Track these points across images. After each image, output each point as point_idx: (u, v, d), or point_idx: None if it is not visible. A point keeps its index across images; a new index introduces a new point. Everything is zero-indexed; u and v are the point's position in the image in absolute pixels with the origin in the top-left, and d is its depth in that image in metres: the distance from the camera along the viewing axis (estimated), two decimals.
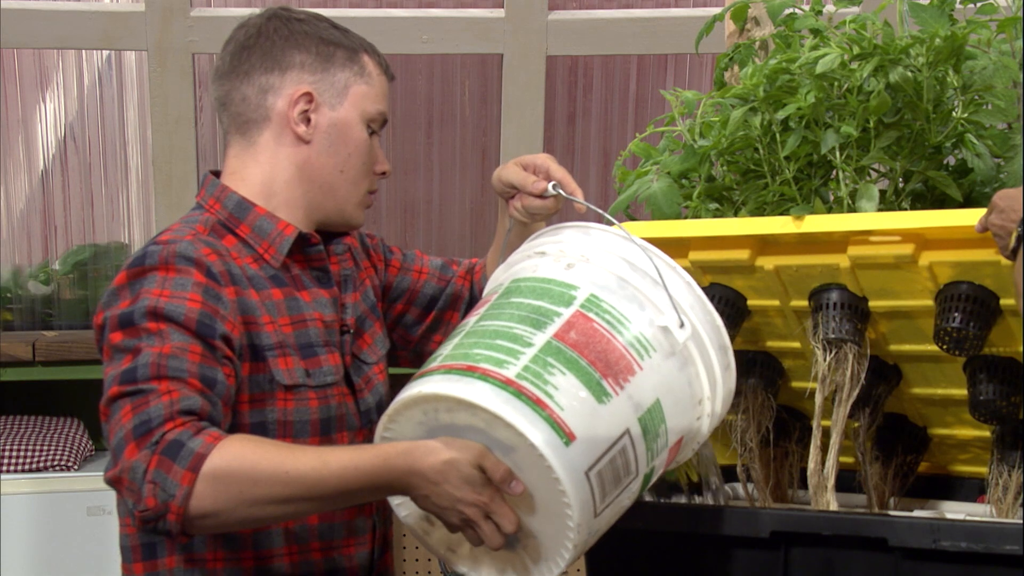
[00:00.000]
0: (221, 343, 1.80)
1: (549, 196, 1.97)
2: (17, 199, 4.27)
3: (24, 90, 4.21)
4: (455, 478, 1.66)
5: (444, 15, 3.95)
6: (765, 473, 2.11)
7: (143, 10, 3.80)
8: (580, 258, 1.80)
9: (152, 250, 1.86)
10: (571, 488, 1.63)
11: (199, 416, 1.72)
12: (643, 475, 1.73)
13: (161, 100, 3.86)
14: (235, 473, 1.67)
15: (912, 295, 1.95)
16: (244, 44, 1.98)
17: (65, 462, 3.74)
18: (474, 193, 4.38)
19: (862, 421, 2.04)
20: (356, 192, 1.99)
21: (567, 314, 1.73)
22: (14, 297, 4.21)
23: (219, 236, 1.93)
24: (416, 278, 2.19)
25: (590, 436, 1.65)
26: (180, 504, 1.66)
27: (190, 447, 1.67)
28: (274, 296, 1.92)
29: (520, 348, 1.69)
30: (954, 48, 1.98)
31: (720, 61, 2.33)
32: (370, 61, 2.00)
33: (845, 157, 2.01)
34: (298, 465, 1.68)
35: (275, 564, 1.91)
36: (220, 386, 1.77)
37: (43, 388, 3.93)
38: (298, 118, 1.96)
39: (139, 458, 1.68)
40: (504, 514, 1.67)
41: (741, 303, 2.05)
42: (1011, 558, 1.69)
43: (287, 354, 1.90)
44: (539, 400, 1.64)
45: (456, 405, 1.66)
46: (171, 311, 1.78)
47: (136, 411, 1.72)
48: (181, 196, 3.96)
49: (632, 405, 1.70)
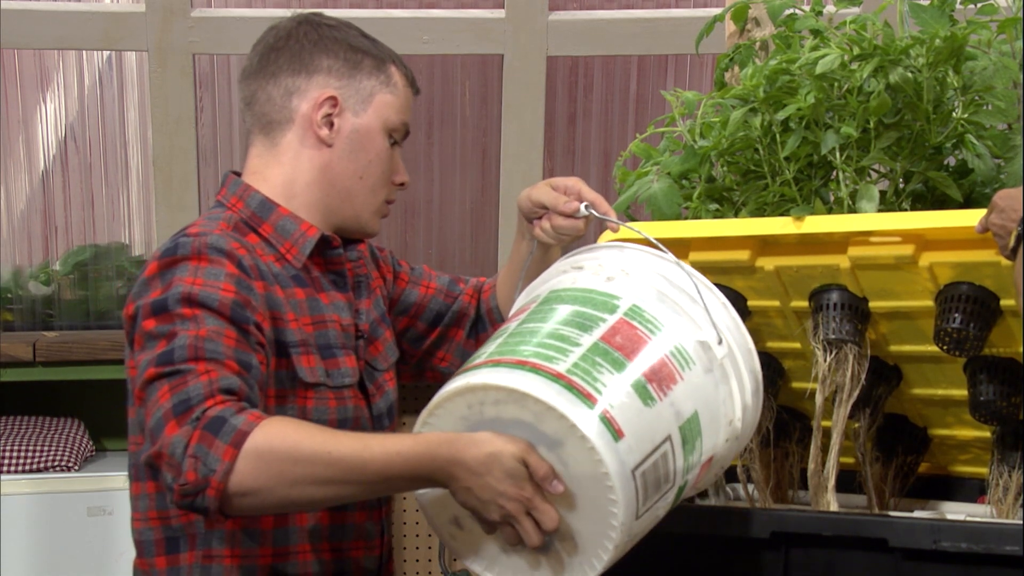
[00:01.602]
0: (254, 329, 1.80)
1: (581, 216, 1.95)
2: (18, 199, 4.27)
3: (25, 90, 4.21)
4: (498, 471, 1.64)
5: (445, 15, 3.96)
6: (765, 474, 2.11)
7: (143, 10, 3.81)
8: (620, 272, 1.81)
9: (183, 241, 1.86)
10: (619, 483, 1.62)
11: (238, 396, 1.72)
12: (678, 487, 1.72)
13: (161, 100, 3.86)
14: (277, 451, 1.66)
15: (912, 296, 1.95)
16: (273, 46, 2.00)
17: (65, 462, 3.74)
18: (474, 193, 4.38)
19: (862, 422, 2.04)
20: (373, 200, 2.00)
21: (612, 320, 1.73)
22: (14, 297, 4.21)
23: (242, 234, 1.93)
24: (424, 293, 2.19)
25: (637, 435, 1.64)
26: (220, 479, 1.65)
27: (232, 423, 1.66)
28: (297, 295, 1.93)
29: (568, 347, 1.69)
30: (954, 49, 1.98)
31: (720, 62, 2.33)
32: (397, 72, 2.02)
33: (845, 158, 2.01)
34: (340, 447, 1.67)
35: (289, 562, 1.91)
36: (255, 370, 1.77)
37: (43, 388, 3.93)
38: (321, 121, 1.97)
39: (180, 433, 1.67)
40: (546, 511, 1.65)
41: (741, 304, 2.05)
42: (1011, 559, 1.69)
43: (309, 352, 1.91)
44: (590, 395, 1.64)
45: (506, 396, 1.65)
46: (205, 297, 1.78)
47: (174, 391, 1.71)
48: (181, 196, 3.96)
49: (674, 413, 1.69)
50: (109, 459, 3.87)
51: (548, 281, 1.88)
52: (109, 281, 4.20)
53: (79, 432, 3.85)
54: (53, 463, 3.73)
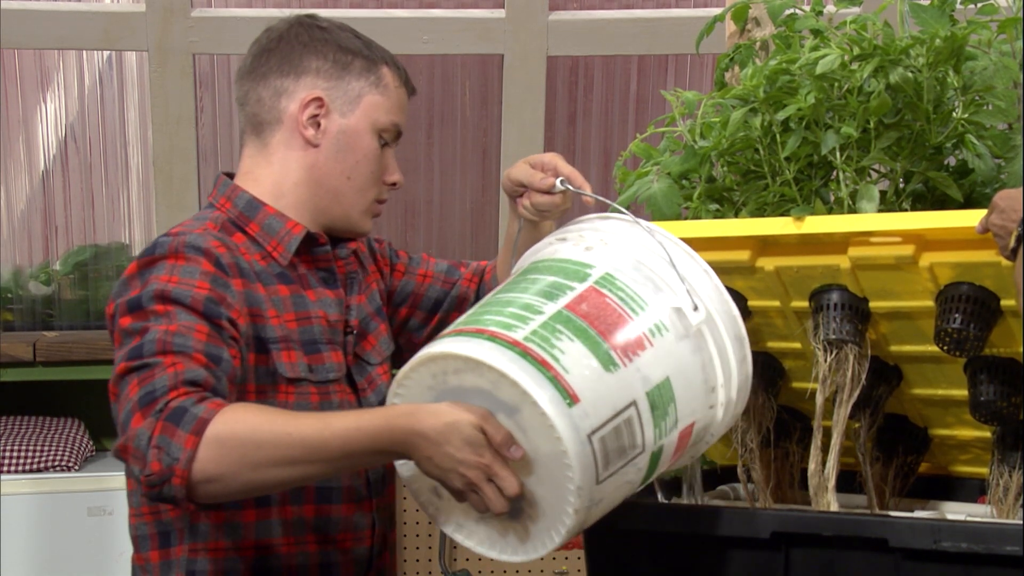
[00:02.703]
0: (227, 324, 1.83)
1: (557, 192, 1.99)
2: (18, 199, 4.27)
3: (25, 90, 4.22)
4: (457, 439, 1.66)
5: (445, 15, 3.96)
6: (766, 474, 2.11)
7: (144, 10, 3.81)
8: (599, 242, 1.84)
9: (162, 241, 1.90)
10: (572, 447, 1.64)
11: (203, 387, 1.75)
12: (650, 452, 1.73)
13: (162, 100, 3.87)
14: (238, 436, 1.69)
15: (913, 296, 1.94)
16: (266, 47, 2.03)
17: (65, 462, 3.74)
18: (474, 193, 4.38)
19: (863, 422, 2.04)
20: (362, 199, 2.03)
21: (580, 288, 1.76)
22: (15, 297, 4.22)
23: (229, 233, 1.97)
24: (420, 282, 2.21)
25: (594, 400, 1.66)
26: (184, 467, 1.67)
27: (193, 412, 1.69)
28: (280, 292, 1.96)
29: (530, 315, 1.72)
30: (954, 49, 1.98)
31: (721, 62, 2.33)
32: (389, 73, 2.04)
33: (845, 158, 2.01)
34: (301, 427, 1.70)
35: (273, 554, 1.93)
36: (225, 364, 1.80)
37: (43, 388, 3.93)
38: (307, 122, 1.99)
39: (144, 425, 1.70)
40: (506, 477, 1.67)
41: (742, 304, 2.05)
42: (1012, 559, 1.69)
43: (291, 348, 1.93)
44: (544, 361, 1.66)
45: (463, 365, 1.68)
46: (178, 294, 1.82)
47: (142, 384, 1.74)
48: (181, 196, 3.96)
49: (640, 378, 1.71)
50: (109, 459, 3.87)
51: (534, 254, 1.91)
52: (109, 281, 4.20)
53: (79, 432, 3.86)
54: (53, 463, 3.74)
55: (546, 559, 4.12)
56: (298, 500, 1.94)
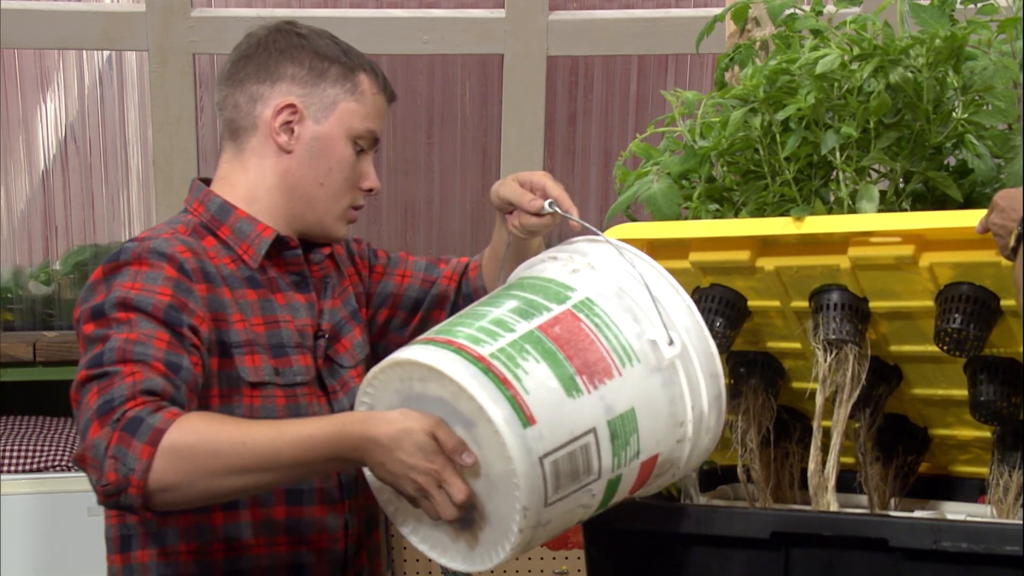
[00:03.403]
0: (188, 332, 1.85)
1: (546, 214, 1.98)
2: (18, 199, 4.27)
3: (25, 90, 4.22)
4: (409, 445, 1.68)
5: (444, 15, 3.96)
6: (765, 474, 2.11)
7: (143, 10, 3.81)
8: (587, 265, 1.83)
9: (127, 247, 1.92)
10: (522, 468, 1.65)
11: (161, 396, 1.76)
12: (607, 480, 1.74)
13: (162, 100, 3.86)
14: (193, 446, 1.71)
15: (912, 296, 1.94)
16: (244, 53, 2.05)
17: (65, 462, 3.74)
18: (474, 193, 4.38)
19: (863, 422, 2.04)
20: (336, 206, 2.03)
21: (557, 311, 1.76)
22: (15, 297, 4.22)
23: (200, 237, 1.98)
24: (399, 282, 2.22)
25: (551, 424, 1.67)
26: (140, 477, 1.70)
27: (149, 422, 1.71)
28: (248, 296, 1.97)
29: (501, 332, 1.73)
30: (954, 49, 1.98)
31: (721, 61, 2.33)
32: (367, 79, 2.04)
33: (845, 158, 2.01)
34: (255, 436, 1.72)
35: (243, 555, 1.95)
36: (185, 372, 1.81)
37: (43, 388, 3.93)
38: (280, 128, 2.01)
39: (101, 435, 1.72)
40: (455, 483, 1.68)
41: (742, 304, 2.05)
42: (1012, 559, 1.69)
43: (255, 352, 1.94)
44: (505, 379, 1.67)
45: (428, 374, 1.70)
46: (140, 301, 1.84)
47: (101, 392, 1.76)
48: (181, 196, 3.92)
49: (603, 407, 1.71)
50: None
51: (526, 268, 1.91)
52: None
53: None
54: (53, 463, 3.74)
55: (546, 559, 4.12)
56: (268, 502, 1.96)
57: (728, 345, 2.05)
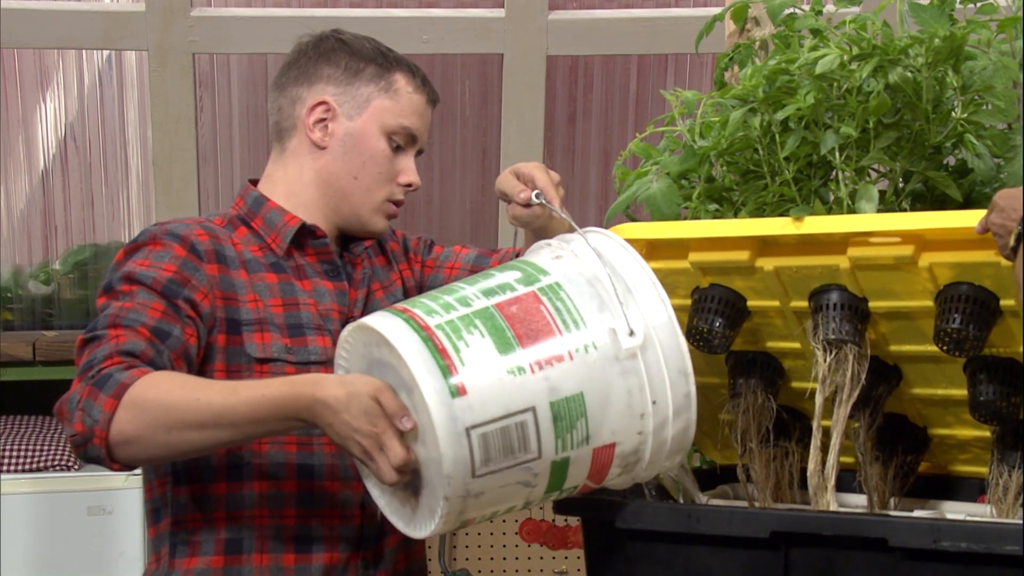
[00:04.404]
0: (185, 304, 1.94)
1: (533, 204, 2.02)
2: (17, 199, 4.27)
3: (24, 90, 4.22)
4: (355, 408, 1.73)
5: (444, 15, 3.96)
6: (765, 473, 2.11)
7: (143, 10, 3.81)
8: (570, 254, 1.86)
9: (148, 230, 2.03)
10: (444, 437, 1.68)
11: (139, 358, 1.86)
12: (551, 461, 1.75)
13: (161, 100, 3.87)
14: (151, 400, 1.80)
15: (912, 296, 1.94)
16: (290, 61, 2.15)
17: (65, 462, 3.74)
18: (474, 193, 4.38)
19: (862, 421, 2.04)
20: (370, 199, 2.10)
21: (521, 291, 1.80)
22: (14, 297, 4.22)
23: (234, 228, 2.09)
24: (447, 274, 2.29)
25: (483, 397, 1.70)
26: (103, 428, 1.80)
27: (117, 378, 1.81)
28: (267, 279, 2.05)
29: (457, 307, 1.78)
30: (953, 48, 1.98)
31: (720, 61, 2.33)
32: (403, 78, 2.11)
33: (845, 158, 2.01)
34: (210, 393, 1.80)
35: (245, 526, 2.00)
36: (174, 340, 1.91)
37: (43, 388, 3.92)
38: (313, 125, 2.09)
39: (76, 390, 1.84)
40: (393, 447, 1.73)
41: (741, 304, 2.05)
42: (1011, 558, 1.69)
43: (265, 330, 2.01)
44: (443, 350, 1.71)
45: (378, 339, 1.75)
46: (143, 275, 1.94)
47: (88, 353, 1.88)
48: (181, 196, 3.96)
49: (547, 388, 1.73)
50: None
51: (527, 254, 1.95)
52: None
53: None
54: (53, 463, 3.74)
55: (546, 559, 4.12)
56: (279, 475, 2.00)
57: (728, 345, 2.05)
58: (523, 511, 4.14)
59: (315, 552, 2.01)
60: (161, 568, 2.02)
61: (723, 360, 2.12)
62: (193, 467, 1.99)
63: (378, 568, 2.06)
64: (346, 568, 2.03)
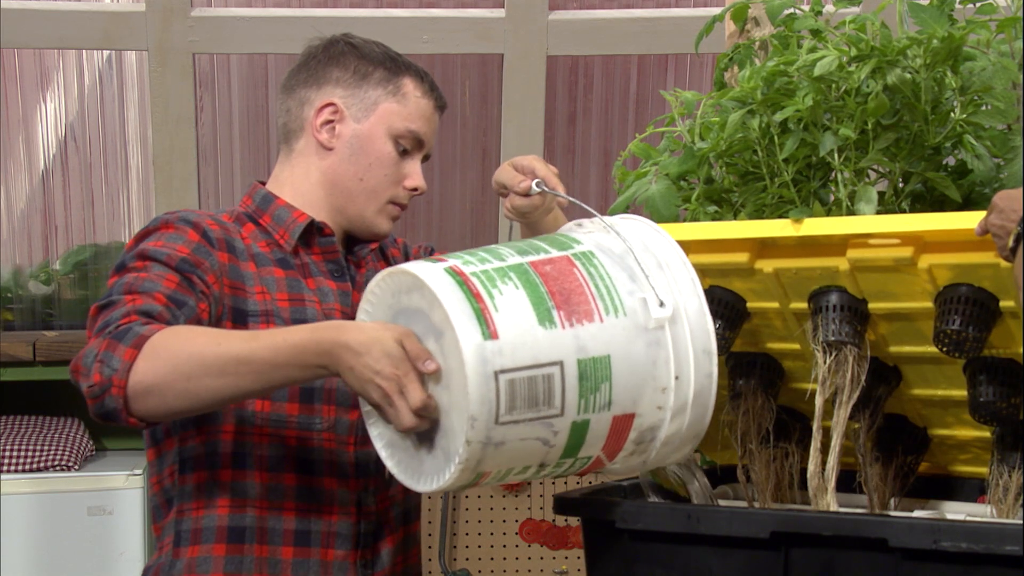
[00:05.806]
0: (199, 280, 1.95)
1: (534, 194, 2.05)
2: (18, 199, 4.27)
3: (24, 90, 4.22)
4: (377, 351, 1.73)
5: (444, 15, 3.96)
6: (765, 474, 2.11)
7: (143, 10, 3.81)
8: (601, 229, 1.88)
9: (160, 216, 2.04)
10: (473, 376, 1.68)
11: (157, 319, 1.86)
12: (571, 420, 1.74)
13: (161, 100, 3.87)
14: (171, 347, 1.79)
15: (911, 297, 1.95)
16: (299, 64, 2.17)
17: (65, 462, 3.74)
18: (474, 193, 4.38)
19: (862, 422, 2.04)
20: (375, 200, 2.13)
21: (555, 254, 1.81)
22: (14, 297, 4.22)
23: (241, 224, 2.11)
24: None
25: (515, 344, 1.70)
26: (121, 377, 1.79)
27: (136, 331, 1.81)
28: (275, 274, 2.07)
29: (492, 259, 1.78)
30: (952, 49, 1.98)
31: (720, 61, 2.33)
32: (411, 83, 2.13)
33: (844, 159, 2.01)
34: (231, 339, 1.80)
35: (248, 515, 2.01)
36: (188, 309, 1.92)
37: (43, 388, 3.94)
38: (321, 126, 2.12)
39: (93, 344, 1.83)
40: (414, 390, 1.72)
41: (741, 305, 2.06)
42: (1011, 559, 1.69)
43: (271, 322, 2.02)
44: (477, 293, 1.72)
45: (411, 283, 1.76)
46: (156, 253, 1.96)
47: (104, 316, 1.87)
48: (181, 196, 3.96)
49: (576, 345, 1.74)
50: (109, 459, 3.88)
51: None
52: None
53: (79, 432, 3.86)
54: (53, 463, 3.74)
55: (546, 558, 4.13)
56: (279, 467, 2.02)
57: (727, 346, 2.05)
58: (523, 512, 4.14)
59: (312, 547, 2.03)
60: (164, 556, 2.03)
61: (723, 362, 2.12)
62: (200, 454, 2.01)
63: (376, 569, 2.08)
64: (344, 567, 2.04)
